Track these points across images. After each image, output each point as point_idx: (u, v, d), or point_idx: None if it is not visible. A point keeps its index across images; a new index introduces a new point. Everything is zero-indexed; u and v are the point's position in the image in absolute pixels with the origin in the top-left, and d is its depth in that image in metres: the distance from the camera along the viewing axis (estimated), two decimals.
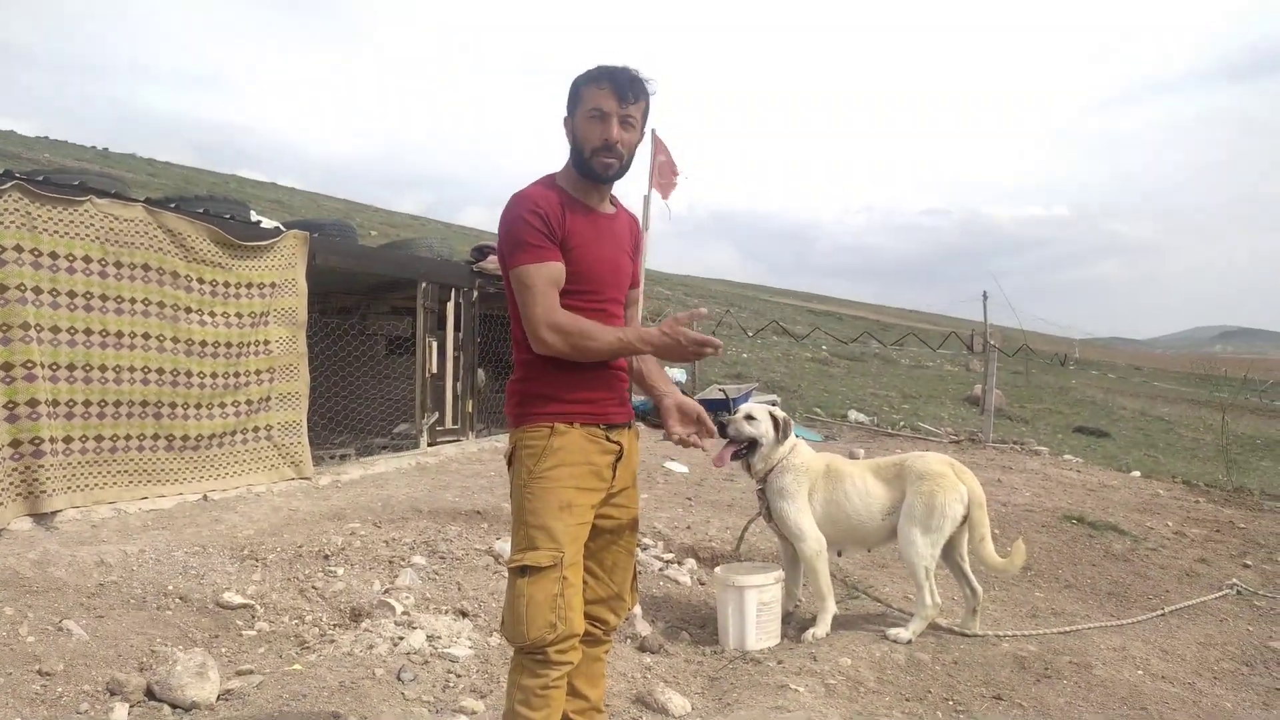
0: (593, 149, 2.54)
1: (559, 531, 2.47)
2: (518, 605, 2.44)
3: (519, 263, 2.49)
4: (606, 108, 2.52)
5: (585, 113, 2.54)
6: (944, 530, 4.34)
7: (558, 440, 2.52)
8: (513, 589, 2.47)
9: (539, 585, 2.43)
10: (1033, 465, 9.49)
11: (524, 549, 2.47)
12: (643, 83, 2.56)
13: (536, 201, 2.51)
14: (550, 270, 2.49)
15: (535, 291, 2.47)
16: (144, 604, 4.18)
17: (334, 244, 7.75)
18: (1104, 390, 25.06)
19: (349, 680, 3.50)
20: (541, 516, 2.47)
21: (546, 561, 2.44)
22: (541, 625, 2.42)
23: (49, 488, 5.26)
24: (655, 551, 5.67)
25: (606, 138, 2.53)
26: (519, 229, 2.49)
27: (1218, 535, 6.78)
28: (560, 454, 2.51)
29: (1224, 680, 4.13)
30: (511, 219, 2.52)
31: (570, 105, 2.60)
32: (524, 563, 2.45)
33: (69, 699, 3.28)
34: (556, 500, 2.49)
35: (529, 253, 2.48)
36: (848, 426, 13.04)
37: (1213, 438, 15.48)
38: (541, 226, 2.48)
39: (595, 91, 2.53)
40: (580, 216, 2.58)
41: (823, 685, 3.74)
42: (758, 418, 4.54)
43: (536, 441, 2.52)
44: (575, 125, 2.58)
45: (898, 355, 29.62)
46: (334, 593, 4.55)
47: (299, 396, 7.01)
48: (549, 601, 2.43)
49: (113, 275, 5.69)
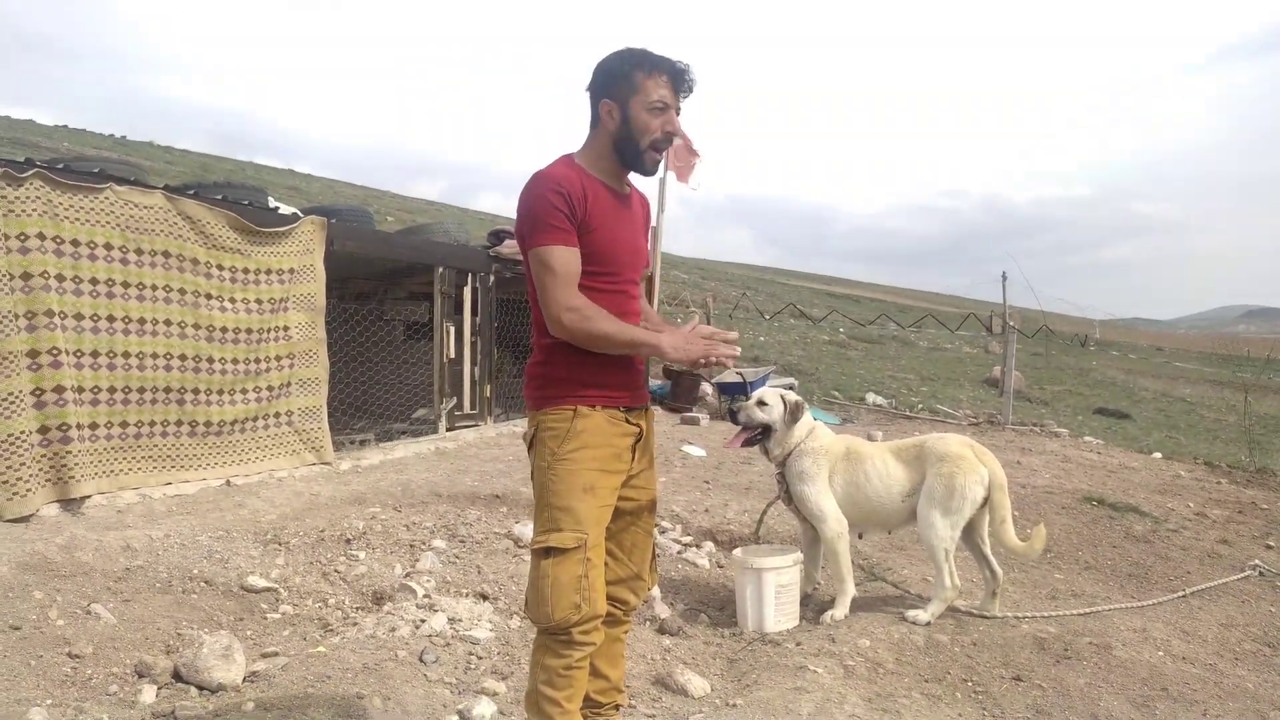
0: (652, 141, 2.53)
1: (583, 513, 2.48)
2: (542, 586, 2.45)
3: (540, 243, 2.46)
4: (669, 100, 2.52)
5: (647, 103, 2.51)
6: (964, 512, 4.33)
7: (580, 423, 2.52)
8: (537, 570, 2.48)
9: (564, 566, 2.44)
10: (1052, 447, 9.45)
11: (548, 530, 2.48)
12: (693, 80, 2.57)
13: (559, 182, 2.48)
14: (571, 254, 2.47)
15: (556, 274, 2.45)
16: (170, 588, 4.24)
17: (351, 229, 7.78)
18: (1125, 371, 24.87)
19: (372, 662, 3.54)
20: (565, 498, 2.48)
21: (571, 543, 2.45)
22: (566, 606, 2.43)
23: (77, 474, 5.33)
24: (674, 535, 5.69)
25: (670, 130, 2.53)
26: (541, 209, 2.46)
27: (1240, 516, 6.73)
28: (583, 436, 2.52)
29: (1245, 661, 4.12)
30: (534, 198, 2.48)
31: (618, 90, 2.54)
32: (548, 544, 2.46)
33: (98, 681, 3.35)
34: (580, 482, 2.50)
35: (551, 234, 2.45)
36: (865, 409, 13.00)
37: (1235, 418, 15.34)
38: (564, 207, 2.45)
39: (656, 82, 2.51)
40: (602, 198, 2.56)
41: (841, 666, 3.76)
42: (769, 403, 4.53)
43: (559, 424, 2.52)
44: (631, 112, 2.52)
45: (916, 337, 29.48)
46: (356, 576, 4.60)
47: (319, 382, 7.06)
48: (574, 583, 2.44)
49: (134, 262, 5.74)
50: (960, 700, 3.57)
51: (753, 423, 4.52)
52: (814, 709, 3.33)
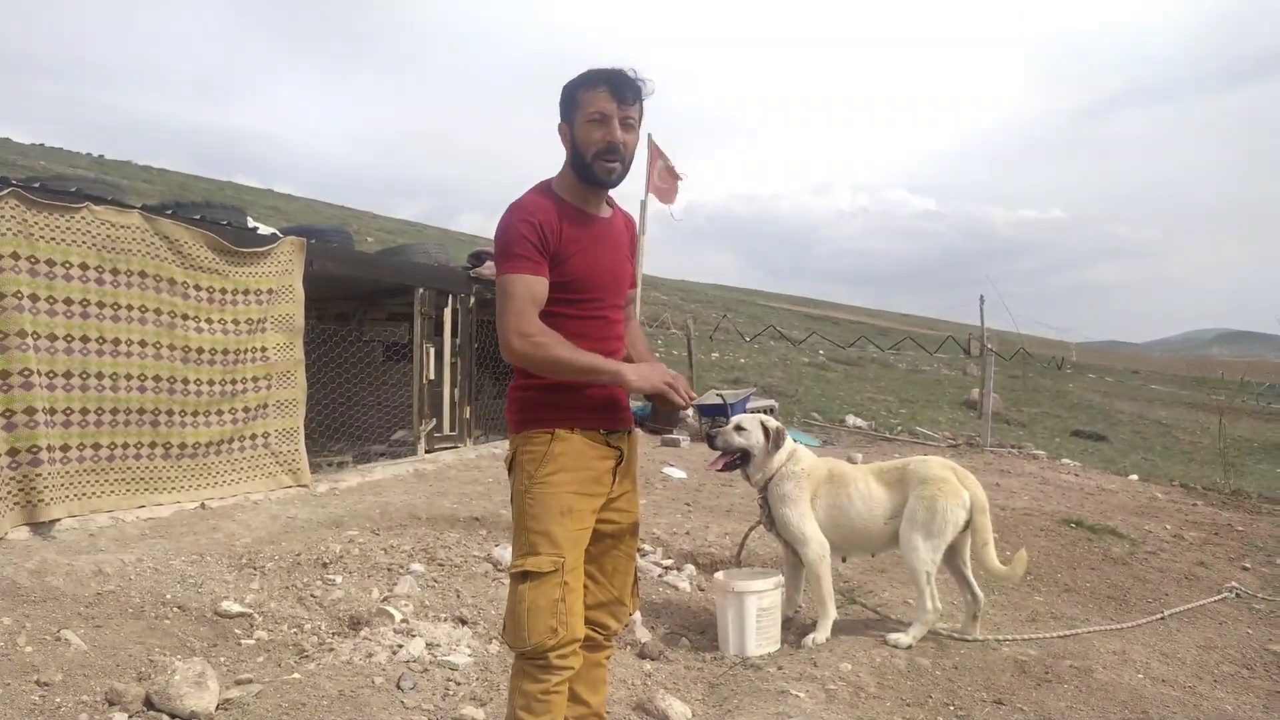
0: (595, 153, 2.51)
1: (560, 536, 2.47)
2: (519, 611, 2.43)
3: (503, 270, 2.47)
4: (607, 110, 2.49)
5: (585, 117, 2.50)
6: (946, 535, 4.32)
7: (559, 446, 2.51)
8: (514, 594, 2.47)
9: (540, 590, 2.43)
10: (1030, 469, 9.50)
11: (525, 554, 2.47)
12: (640, 84, 2.53)
13: (532, 212, 2.49)
14: (534, 285, 2.46)
15: (512, 300, 2.44)
16: (142, 613, 4.16)
17: (331, 250, 7.75)
18: (1101, 394, 25.10)
19: (349, 689, 3.48)
20: (543, 521, 2.47)
21: (548, 567, 2.44)
22: (543, 630, 2.41)
23: (47, 496, 5.24)
24: (654, 558, 5.66)
25: (610, 140, 2.50)
26: (510, 238, 2.47)
27: (1216, 538, 6.78)
28: (561, 459, 2.50)
29: (1225, 683, 4.13)
30: (505, 226, 2.50)
31: (566, 111, 2.57)
32: (525, 568, 2.45)
33: (68, 709, 3.26)
34: (558, 505, 2.48)
35: (515, 262, 2.45)
36: (845, 431, 13.04)
37: (1210, 441, 15.51)
38: (533, 237, 2.46)
39: (593, 95, 2.50)
40: (578, 224, 2.55)
41: (823, 691, 3.73)
42: (748, 428, 4.53)
43: (537, 447, 2.52)
44: (575, 131, 2.53)
45: (895, 360, 29.64)
46: (333, 601, 4.53)
47: (296, 403, 7.00)
48: (550, 606, 2.42)
49: (109, 282, 5.68)
50: None
51: (730, 448, 4.52)
52: None
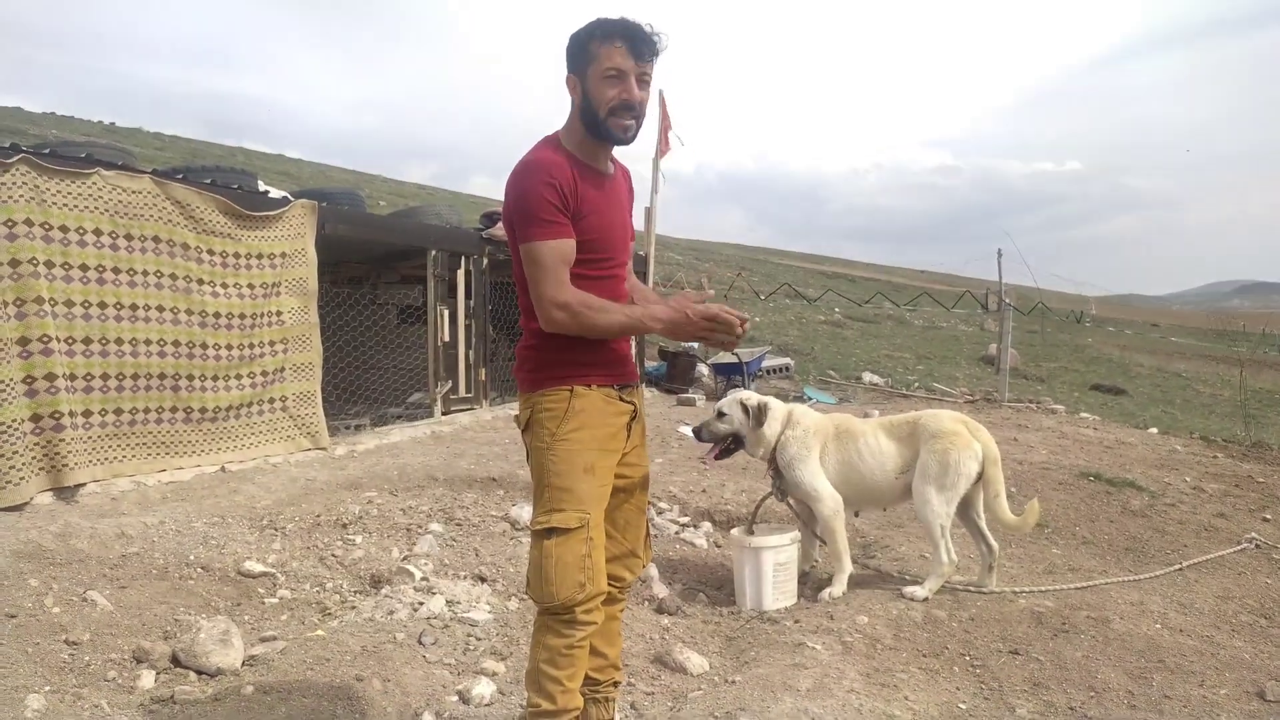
0: (610, 109, 2.45)
1: (584, 493, 2.48)
2: (546, 566, 2.43)
3: (531, 238, 2.41)
4: (623, 66, 2.43)
5: (600, 72, 2.43)
6: (959, 488, 4.33)
7: (578, 402, 2.51)
8: (539, 550, 2.46)
9: (567, 546, 2.43)
10: (1049, 424, 9.46)
11: (549, 510, 2.47)
12: (656, 39, 2.47)
13: (551, 171, 2.42)
14: (563, 248, 2.42)
15: (546, 269, 2.40)
16: (166, 574, 4.23)
17: (343, 213, 7.73)
18: (1120, 347, 24.92)
19: (371, 645, 3.54)
20: (566, 478, 2.47)
21: (574, 523, 2.45)
22: (571, 585, 2.42)
23: (70, 461, 5.31)
24: (671, 515, 5.69)
25: (627, 98, 2.44)
26: (533, 202, 2.40)
27: (1236, 490, 6.75)
28: (582, 416, 2.50)
29: (1242, 633, 4.13)
30: (525, 189, 2.42)
31: (578, 62, 2.48)
32: (551, 524, 2.45)
33: (96, 667, 3.34)
34: (581, 462, 2.48)
35: (542, 228, 2.40)
36: (862, 388, 13.02)
37: (1230, 393, 15.39)
38: (556, 199, 2.40)
39: (609, 49, 2.43)
40: (591, 183, 2.50)
41: (840, 643, 3.76)
42: (727, 412, 4.54)
43: (557, 404, 2.51)
44: (588, 85, 2.46)
45: (911, 316, 29.49)
46: (353, 560, 4.59)
47: (313, 367, 7.03)
48: (578, 562, 2.44)
49: (124, 248, 5.69)
50: (958, 674, 3.57)
51: (718, 436, 4.52)
52: (813, 685, 3.33)
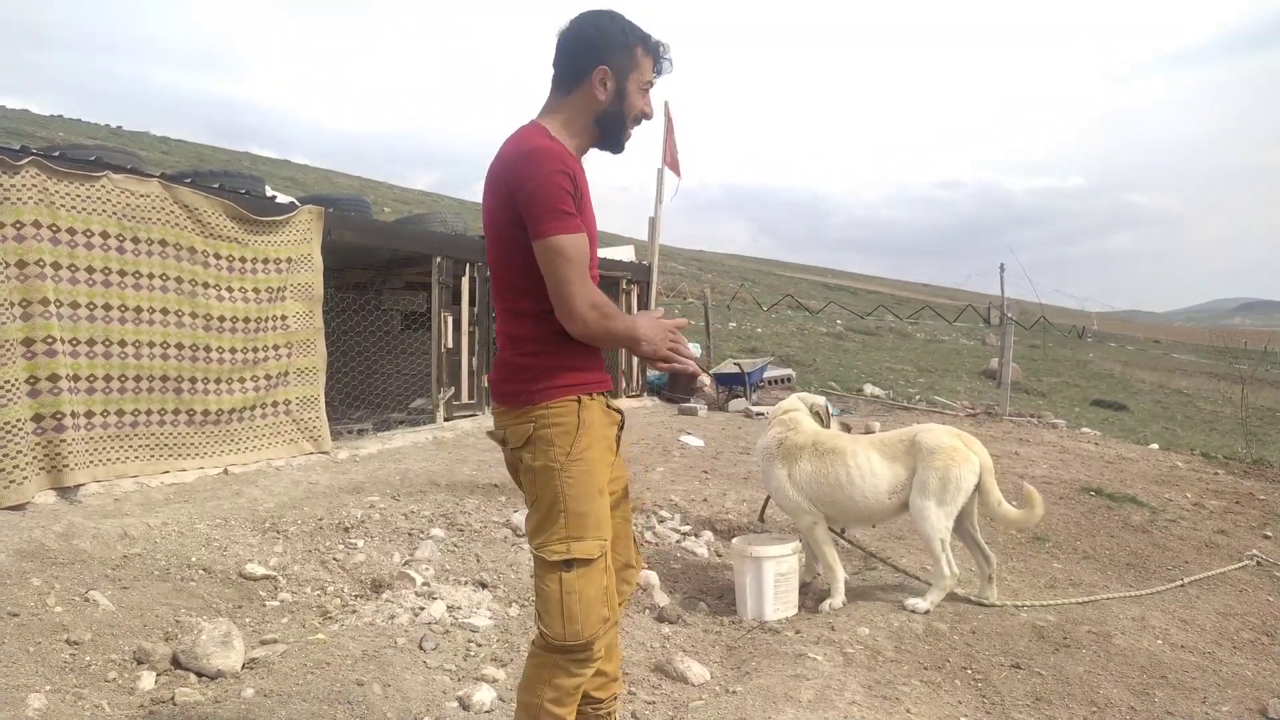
0: (635, 119, 2.39)
1: (602, 517, 2.30)
2: (570, 604, 2.22)
3: (556, 231, 2.18)
4: (653, 80, 2.39)
5: (640, 82, 2.36)
6: (958, 502, 4.35)
7: (586, 415, 2.31)
8: (559, 585, 2.23)
9: (589, 579, 2.25)
10: (1050, 438, 9.46)
11: (567, 539, 2.24)
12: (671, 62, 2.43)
13: (565, 162, 2.24)
14: (585, 244, 2.25)
15: (574, 265, 2.20)
16: (168, 575, 4.23)
17: (348, 219, 7.76)
18: (1122, 363, 24.91)
19: (372, 649, 3.54)
20: (583, 502, 2.26)
21: (596, 552, 2.26)
22: (596, 621, 2.25)
23: (71, 462, 5.31)
24: (672, 524, 5.69)
25: (649, 113, 2.40)
26: (552, 193, 2.19)
27: (1237, 507, 6.74)
28: (592, 431, 2.32)
29: (1244, 650, 4.12)
30: (543, 180, 2.19)
31: (619, 61, 2.33)
32: (571, 555, 2.23)
33: (97, 667, 3.33)
34: (595, 484, 2.30)
35: (567, 221, 2.19)
36: (863, 400, 13.02)
37: (1232, 410, 15.38)
38: (572, 191, 2.22)
39: (646, 60, 2.36)
40: (583, 177, 2.36)
41: (841, 654, 3.76)
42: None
43: (566, 418, 2.29)
44: (625, 87, 2.34)
45: (913, 329, 29.50)
46: (355, 564, 4.59)
47: (316, 371, 7.05)
48: (600, 595, 2.27)
49: (130, 251, 5.72)
50: (960, 688, 3.57)
51: None
52: (814, 696, 3.33)
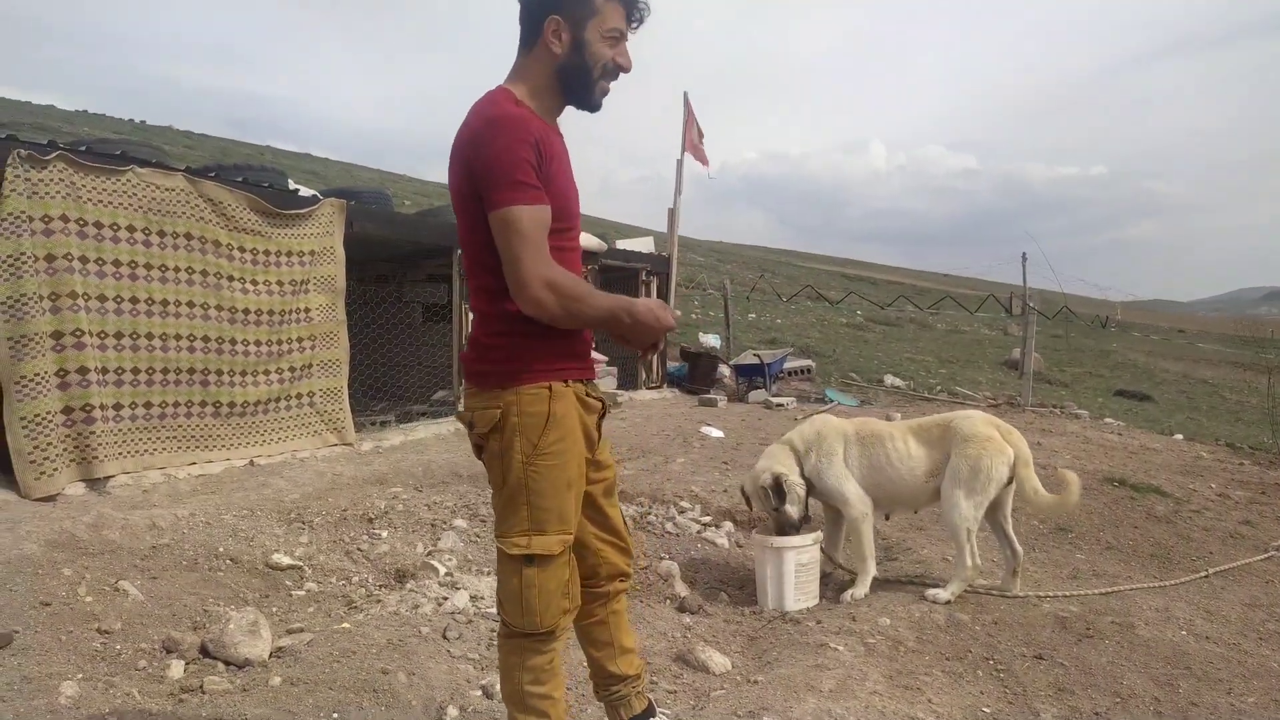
0: (603, 70, 2.25)
1: (567, 511, 2.26)
2: (528, 596, 2.23)
3: (509, 202, 2.08)
4: (622, 28, 2.25)
5: (602, 30, 2.22)
6: (989, 492, 4.30)
7: (558, 405, 2.23)
8: (519, 578, 2.23)
9: (549, 573, 2.24)
10: (1073, 429, 9.39)
11: (528, 532, 2.22)
12: (647, 8, 2.30)
13: (528, 128, 2.12)
14: (544, 216, 2.13)
15: (528, 240, 2.09)
16: (196, 565, 4.29)
17: (370, 211, 7.80)
18: (1146, 353, 24.66)
19: (396, 638, 3.58)
20: (549, 497, 2.22)
21: (557, 548, 2.24)
22: (555, 613, 2.26)
23: (101, 454, 5.39)
24: (693, 514, 5.70)
25: (623, 62, 2.27)
26: (508, 163, 2.08)
27: (1263, 498, 6.68)
28: (564, 423, 2.24)
29: (1270, 641, 4.09)
30: (499, 149, 2.09)
31: (572, 8, 2.21)
32: (531, 550, 2.22)
33: (127, 656, 3.39)
34: (564, 478, 2.24)
35: (522, 192, 2.08)
36: (884, 391, 12.97)
37: (1258, 400, 15.20)
38: (534, 160, 2.10)
39: (612, 7, 2.23)
40: (554, 140, 2.24)
41: (862, 644, 3.76)
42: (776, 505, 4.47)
43: (536, 407, 2.21)
44: (584, 36, 2.21)
45: (934, 319, 29.32)
46: (379, 554, 4.64)
47: (340, 363, 7.10)
48: (561, 588, 2.27)
49: (156, 244, 5.78)
50: (982, 678, 3.57)
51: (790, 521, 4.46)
52: (835, 686, 3.34)
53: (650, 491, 6.04)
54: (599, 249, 11.16)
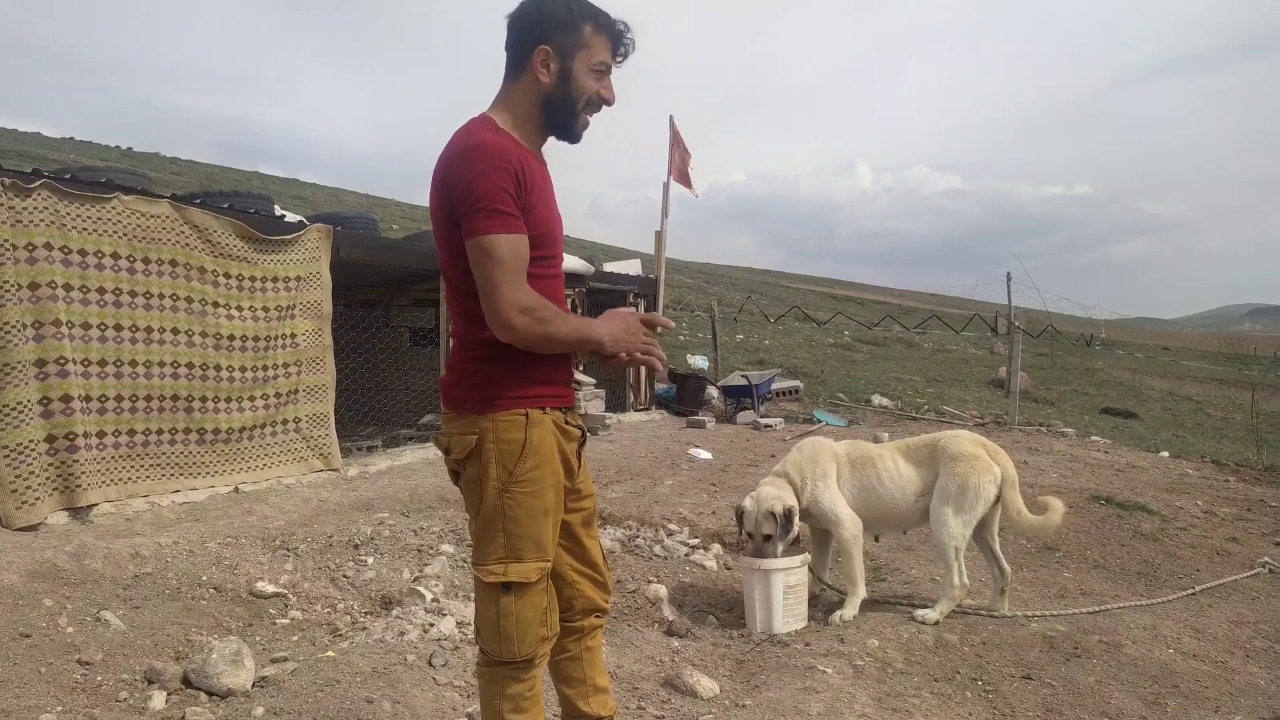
0: (587, 103, 2.27)
1: (545, 539, 2.25)
2: (506, 625, 2.22)
3: (487, 230, 2.08)
4: (608, 62, 2.27)
5: (590, 62, 2.23)
6: (977, 511, 4.32)
7: (535, 433, 2.22)
8: (496, 606, 2.22)
9: (526, 601, 2.23)
10: (1059, 447, 9.43)
11: (504, 560, 2.21)
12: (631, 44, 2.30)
13: (506, 157, 2.12)
14: (522, 245, 2.13)
15: (505, 267, 2.09)
16: (179, 594, 4.25)
17: (357, 236, 7.81)
18: (1131, 371, 24.79)
19: (381, 666, 3.55)
20: (526, 524, 2.21)
21: (534, 575, 2.23)
22: (532, 641, 2.25)
23: (84, 482, 5.35)
24: (681, 537, 5.69)
25: (608, 96, 2.29)
26: (486, 191, 2.08)
27: (1249, 514, 6.71)
28: (541, 450, 2.23)
29: (1257, 658, 4.10)
30: (477, 175, 2.09)
31: (564, 40, 2.21)
32: (508, 579, 2.20)
33: (108, 687, 3.35)
34: (540, 505, 2.23)
35: (500, 220, 2.09)
36: (871, 411, 13.00)
37: (1243, 417, 15.30)
38: (511, 188, 2.10)
39: (600, 41, 2.24)
40: (535, 169, 2.23)
41: (851, 666, 3.75)
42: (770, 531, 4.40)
43: (513, 434, 2.21)
44: (571, 68, 2.22)
45: (921, 339, 29.45)
46: (364, 581, 4.60)
47: (326, 389, 7.08)
48: (539, 617, 2.25)
49: (140, 271, 5.77)
50: (970, 699, 3.56)
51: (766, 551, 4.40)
52: (824, 709, 3.32)
53: (638, 514, 6.03)
54: (586, 271, 11.19)
